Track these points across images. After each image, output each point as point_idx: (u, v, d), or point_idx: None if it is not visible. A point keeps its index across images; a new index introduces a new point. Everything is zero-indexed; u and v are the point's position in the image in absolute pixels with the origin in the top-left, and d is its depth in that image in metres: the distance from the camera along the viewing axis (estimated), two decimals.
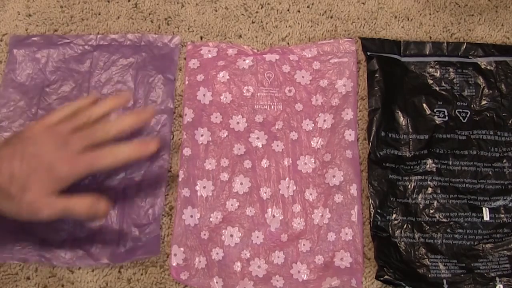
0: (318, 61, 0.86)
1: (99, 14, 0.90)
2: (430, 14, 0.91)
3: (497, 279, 0.74)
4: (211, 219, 0.78)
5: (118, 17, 0.90)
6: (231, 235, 0.78)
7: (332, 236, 0.77)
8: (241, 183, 0.80)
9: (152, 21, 0.90)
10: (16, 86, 0.85)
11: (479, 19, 0.90)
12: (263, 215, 0.79)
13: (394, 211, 0.78)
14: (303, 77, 0.85)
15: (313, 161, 0.81)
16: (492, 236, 0.76)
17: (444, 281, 0.74)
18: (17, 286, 0.76)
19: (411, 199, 0.78)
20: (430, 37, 0.89)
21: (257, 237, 0.78)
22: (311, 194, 0.79)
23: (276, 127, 0.83)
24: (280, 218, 0.79)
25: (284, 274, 0.76)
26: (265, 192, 0.79)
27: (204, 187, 0.80)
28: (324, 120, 0.83)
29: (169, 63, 0.87)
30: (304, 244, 0.77)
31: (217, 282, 0.75)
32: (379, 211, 0.78)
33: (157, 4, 0.91)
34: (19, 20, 0.90)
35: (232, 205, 0.79)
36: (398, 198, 0.78)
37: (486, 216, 0.77)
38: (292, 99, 0.84)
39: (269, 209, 0.79)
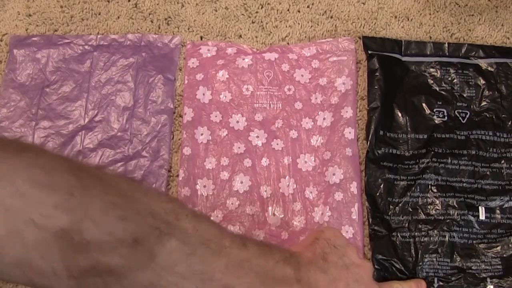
0: (317, 59, 0.86)
1: (99, 14, 0.91)
2: (430, 14, 0.91)
3: (488, 280, 0.74)
4: (211, 218, 0.78)
5: (118, 17, 0.90)
6: None
7: None
8: (241, 182, 0.80)
9: (152, 21, 0.90)
10: (16, 86, 0.85)
11: (479, 19, 0.90)
12: (264, 213, 0.78)
13: (391, 210, 0.78)
14: (302, 75, 0.85)
15: (313, 159, 0.81)
16: (487, 236, 0.76)
17: (435, 279, 0.74)
18: (17, 286, 0.76)
19: (409, 198, 0.78)
20: (430, 37, 0.89)
21: (258, 235, 0.77)
22: (311, 192, 0.79)
23: (276, 126, 0.83)
24: (281, 216, 0.78)
25: None
26: (265, 191, 0.79)
27: (205, 186, 0.80)
28: (324, 118, 0.83)
29: (169, 63, 0.87)
30: None
31: None
32: (376, 210, 0.78)
33: (157, 4, 0.91)
34: (19, 20, 0.90)
35: (232, 204, 0.79)
36: (395, 197, 0.78)
37: (482, 215, 0.77)
38: (291, 98, 0.84)
39: (270, 208, 0.79)
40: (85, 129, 0.83)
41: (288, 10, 0.91)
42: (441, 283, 0.74)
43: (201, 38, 0.89)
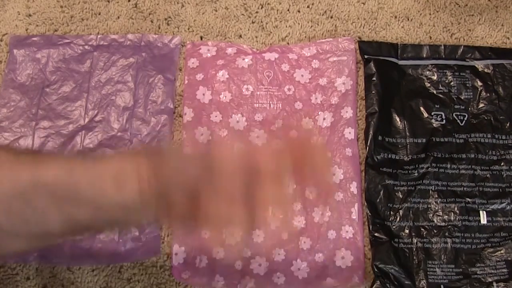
0: (317, 59, 0.86)
1: (99, 14, 0.91)
2: (430, 14, 0.91)
3: (494, 284, 0.73)
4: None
5: (118, 17, 0.90)
6: (232, 234, 0.77)
7: (332, 234, 0.77)
8: None
9: (152, 21, 0.90)
10: (16, 86, 0.85)
11: (479, 19, 0.90)
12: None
13: (392, 217, 0.78)
14: (302, 75, 0.85)
15: None
16: (490, 240, 0.76)
17: (442, 286, 0.74)
18: (17, 286, 0.76)
19: (409, 203, 0.78)
20: (430, 37, 0.89)
21: (258, 235, 0.77)
22: (311, 192, 0.79)
23: (276, 126, 0.82)
24: (281, 216, 0.78)
25: (285, 271, 0.76)
26: None
27: None
28: (324, 119, 0.83)
29: (169, 63, 0.87)
30: (304, 242, 0.77)
31: (218, 281, 0.75)
32: (376, 216, 0.78)
33: (157, 4, 0.91)
34: (19, 20, 0.90)
35: None
36: (395, 203, 0.78)
37: (483, 220, 0.77)
38: (291, 98, 0.84)
39: (270, 208, 0.78)
40: (85, 129, 0.83)
41: (288, 10, 0.91)
42: None
43: (201, 38, 0.89)
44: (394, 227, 0.77)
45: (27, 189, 0.49)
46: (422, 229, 0.77)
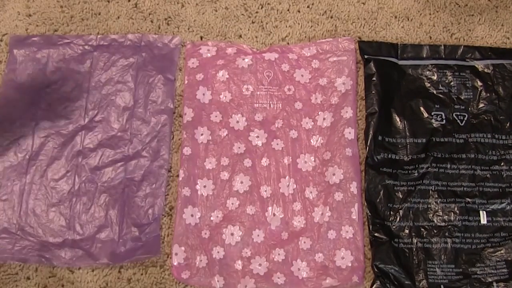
0: (317, 59, 0.86)
1: (99, 14, 0.91)
2: (430, 14, 0.91)
3: (494, 284, 0.73)
4: (211, 218, 0.78)
5: (118, 17, 0.90)
6: (232, 234, 0.78)
7: (332, 234, 0.77)
8: (242, 182, 0.80)
9: (152, 21, 0.90)
10: (16, 87, 0.85)
11: (479, 19, 0.90)
12: (264, 213, 0.78)
13: (392, 217, 0.77)
14: (302, 75, 0.85)
15: (313, 160, 0.81)
16: (490, 240, 0.76)
17: (442, 286, 0.74)
18: (17, 286, 0.76)
19: (409, 204, 0.78)
20: (430, 37, 0.89)
21: (258, 235, 0.77)
22: (311, 192, 0.79)
23: (276, 126, 0.83)
24: (281, 216, 0.78)
25: (285, 271, 0.76)
26: (266, 191, 0.79)
27: (205, 186, 0.80)
28: (324, 119, 0.83)
29: (169, 63, 0.87)
30: (304, 242, 0.77)
31: (218, 281, 0.75)
32: (376, 216, 0.78)
33: (157, 4, 0.91)
34: (19, 20, 0.90)
35: (232, 204, 0.79)
36: (395, 203, 0.78)
37: (483, 220, 0.77)
38: (291, 98, 0.84)
39: (270, 208, 0.79)
40: (85, 129, 0.83)
41: (288, 10, 0.91)
42: None
43: (201, 38, 0.89)
44: (394, 227, 0.77)
45: None
46: (422, 229, 0.77)
